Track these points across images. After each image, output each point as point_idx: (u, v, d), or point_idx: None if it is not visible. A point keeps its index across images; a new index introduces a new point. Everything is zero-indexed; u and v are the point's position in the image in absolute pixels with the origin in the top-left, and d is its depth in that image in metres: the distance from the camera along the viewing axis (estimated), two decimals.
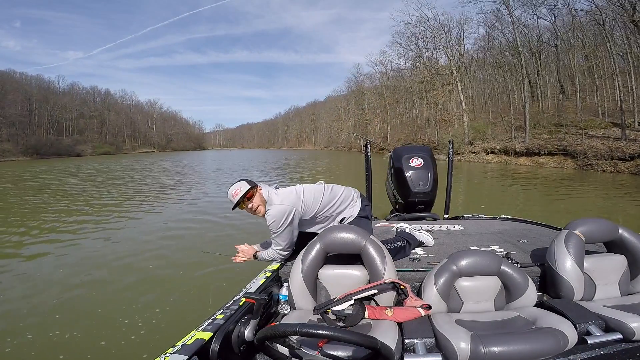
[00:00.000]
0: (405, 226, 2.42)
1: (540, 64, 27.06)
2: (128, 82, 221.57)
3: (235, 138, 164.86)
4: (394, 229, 2.55)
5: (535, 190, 11.14)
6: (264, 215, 1.97)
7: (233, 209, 1.94)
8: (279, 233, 1.91)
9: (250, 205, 1.92)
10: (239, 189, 1.89)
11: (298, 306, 1.58)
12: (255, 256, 2.13)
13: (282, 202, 1.91)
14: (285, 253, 2.00)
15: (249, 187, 1.90)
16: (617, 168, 15.56)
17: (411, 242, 2.19)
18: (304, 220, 2.00)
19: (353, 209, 2.08)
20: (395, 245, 2.05)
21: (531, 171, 17.22)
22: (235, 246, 2.17)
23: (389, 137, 41.52)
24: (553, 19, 25.71)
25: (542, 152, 19.89)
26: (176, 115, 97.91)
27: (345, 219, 2.06)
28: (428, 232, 2.67)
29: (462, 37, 32.57)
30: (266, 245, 2.17)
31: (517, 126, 24.47)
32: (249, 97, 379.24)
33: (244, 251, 2.14)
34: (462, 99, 30.00)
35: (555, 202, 8.87)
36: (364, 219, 2.08)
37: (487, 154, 23.49)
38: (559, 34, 26.02)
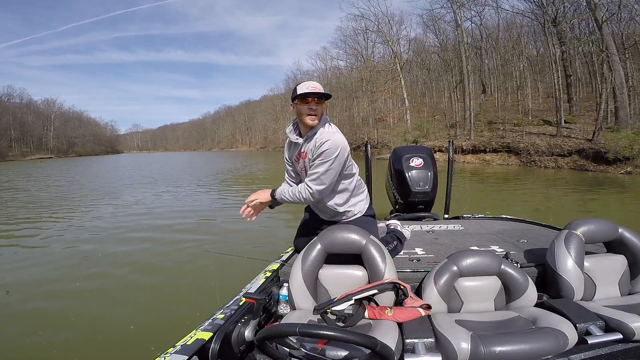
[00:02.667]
0: (397, 223, 2.42)
1: (469, 64, 27.32)
2: (33, 80, 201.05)
3: (156, 140, 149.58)
4: (384, 225, 2.52)
5: (484, 186, 11.52)
6: (309, 127, 1.68)
7: (294, 99, 1.67)
8: (327, 166, 1.62)
9: (315, 107, 1.64)
10: (320, 87, 1.66)
11: (298, 306, 1.57)
12: (273, 196, 1.79)
13: (340, 134, 1.69)
14: (318, 196, 1.70)
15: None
16: (558, 164, 16.10)
17: (402, 239, 2.19)
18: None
19: (362, 203, 1.93)
20: (393, 245, 2.05)
21: (479, 168, 17.49)
22: (246, 201, 1.81)
23: None
24: (479, 22, 26.85)
25: (488, 150, 20.27)
26: (82, 115, 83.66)
27: (353, 214, 1.90)
28: (428, 231, 2.67)
29: (399, 37, 32.72)
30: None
31: (451, 124, 25.23)
32: (179, 96, 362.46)
33: (256, 196, 1.80)
34: (405, 95, 29.85)
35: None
36: (370, 218, 1.97)
37: (435, 152, 23.38)
38: (482, 36, 27.19)
